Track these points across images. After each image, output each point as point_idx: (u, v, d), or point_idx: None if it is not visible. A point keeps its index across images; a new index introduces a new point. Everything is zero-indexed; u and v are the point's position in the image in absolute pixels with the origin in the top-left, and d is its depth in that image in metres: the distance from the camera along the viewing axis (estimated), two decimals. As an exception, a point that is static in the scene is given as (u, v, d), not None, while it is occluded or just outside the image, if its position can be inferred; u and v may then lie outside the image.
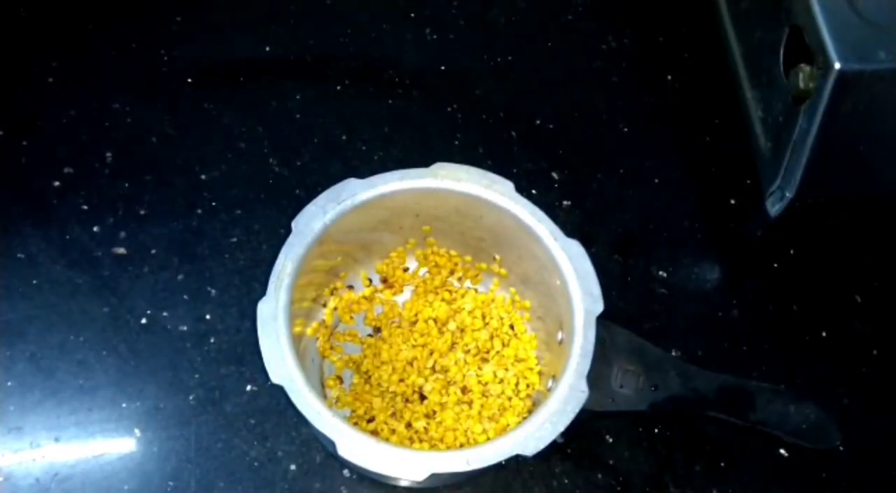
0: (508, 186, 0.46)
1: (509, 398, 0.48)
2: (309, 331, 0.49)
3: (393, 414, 0.47)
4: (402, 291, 0.52)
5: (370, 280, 0.52)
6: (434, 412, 0.48)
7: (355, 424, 0.47)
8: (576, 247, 0.45)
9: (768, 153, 0.59)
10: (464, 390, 0.48)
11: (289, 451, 0.49)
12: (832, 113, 0.51)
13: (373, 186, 0.46)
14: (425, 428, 0.47)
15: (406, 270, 0.52)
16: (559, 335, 0.46)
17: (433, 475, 0.39)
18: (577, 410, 0.41)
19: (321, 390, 0.49)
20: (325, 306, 0.50)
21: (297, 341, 0.42)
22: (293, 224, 0.44)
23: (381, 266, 0.52)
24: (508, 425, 0.47)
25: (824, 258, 0.59)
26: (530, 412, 0.47)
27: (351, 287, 0.51)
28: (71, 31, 0.63)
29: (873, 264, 0.59)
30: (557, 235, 0.45)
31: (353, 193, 0.46)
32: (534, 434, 0.40)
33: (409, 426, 0.47)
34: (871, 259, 0.59)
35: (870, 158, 0.56)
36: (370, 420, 0.47)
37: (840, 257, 0.59)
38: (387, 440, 0.46)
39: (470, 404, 0.48)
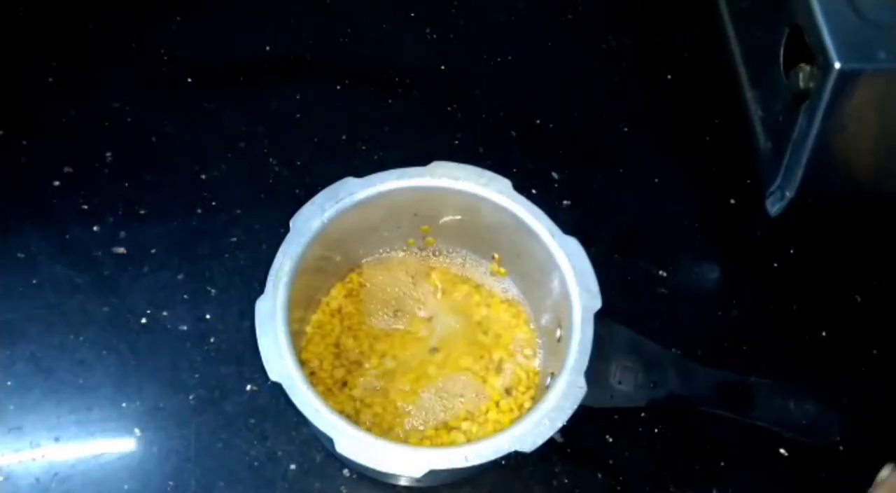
0: (506, 184, 0.46)
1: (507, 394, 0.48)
2: (308, 328, 0.49)
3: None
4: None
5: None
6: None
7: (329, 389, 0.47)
8: (573, 244, 0.45)
9: (768, 153, 0.59)
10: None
11: (289, 451, 0.49)
12: (832, 113, 0.51)
13: (371, 184, 0.46)
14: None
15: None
16: (558, 333, 0.46)
17: (432, 472, 0.38)
18: (575, 406, 0.41)
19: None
20: (325, 304, 0.50)
21: (295, 338, 0.42)
22: (291, 223, 0.44)
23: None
24: (506, 421, 0.47)
25: (824, 258, 0.59)
26: (529, 408, 0.47)
27: (350, 286, 0.51)
28: (71, 31, 0.63)
29: (873, 264, 0.59)
30: (555, 233, 0.45)
31: (350, 192, 0.46)
32: (532, 431, 0.40)
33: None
34: (871, 259, 0.59)
35: (870, 158, 0.56)
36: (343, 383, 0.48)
37: (840, 257, 0.59)
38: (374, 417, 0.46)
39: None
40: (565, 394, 0.41)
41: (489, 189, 0.46)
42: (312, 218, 0.45)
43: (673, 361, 0.48)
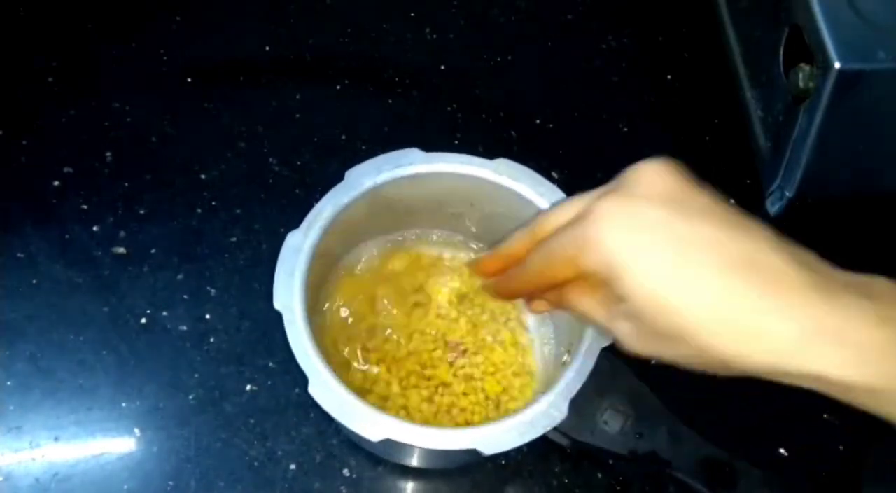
0: (561, 198, 0.45)
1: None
2: (334, 292, 0.48)
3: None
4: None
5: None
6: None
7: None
8: None
9: (768, 153, 0.59)
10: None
11: (289, 451, 0.49)
12: (832, 113, 0.51)
13: (431, 161, 0.46)
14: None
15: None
16: (564, 357, 0.45)
17: (388, 441, 0.38)
18: (547, 428, 0.39)
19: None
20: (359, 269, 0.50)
21: (317, 297, 0.41)
22: (347, 174, 0.44)
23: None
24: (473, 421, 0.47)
25: (824, 258, 0.59)
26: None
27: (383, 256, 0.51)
28: (71, 31, 0.63)
29: (873, 264, 0.59)
30: None
31: (411, 162, 0.45)
32: (497, 436, 0.39)
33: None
34: (871, 259, 0.59)
35: (870, 158, 0.56)
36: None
37: (840, 257, 0.59)
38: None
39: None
40: (543, 413, 0.40)
41: (544, 199, 0.45)
42: (366, 175, 0.44)
43: (667, 419, 0.45)
